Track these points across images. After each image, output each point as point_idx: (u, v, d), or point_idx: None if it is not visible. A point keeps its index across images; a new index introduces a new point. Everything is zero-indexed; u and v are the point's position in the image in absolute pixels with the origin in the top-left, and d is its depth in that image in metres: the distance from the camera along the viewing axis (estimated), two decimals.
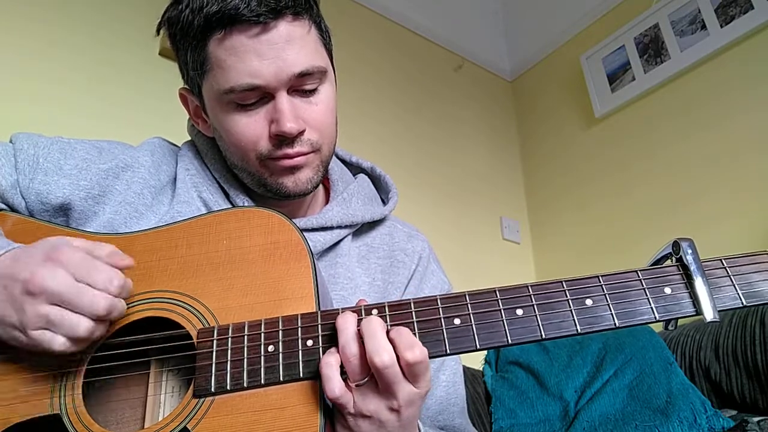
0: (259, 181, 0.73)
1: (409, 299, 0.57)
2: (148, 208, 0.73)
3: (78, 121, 1.48)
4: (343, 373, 0.53)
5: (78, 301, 0.52)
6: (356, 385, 0.53)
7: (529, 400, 1.41)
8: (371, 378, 0.53)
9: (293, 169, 0.71)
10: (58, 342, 0.52)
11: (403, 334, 0.52)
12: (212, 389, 0.55)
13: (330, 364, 0.53)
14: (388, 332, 0.53)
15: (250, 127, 0.69)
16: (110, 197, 0.72)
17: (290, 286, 0.60)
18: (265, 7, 0.63)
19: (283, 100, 0.67)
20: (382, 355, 0.51)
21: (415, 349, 0.51)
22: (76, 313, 0.52)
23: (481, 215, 2.34)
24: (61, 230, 0.66)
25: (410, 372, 0.52)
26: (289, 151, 0.69)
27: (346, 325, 0.54)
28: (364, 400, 0.53)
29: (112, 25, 1.66)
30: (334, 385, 0.52)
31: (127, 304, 0.59)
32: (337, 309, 0.57)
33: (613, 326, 0.55)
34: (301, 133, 0.69)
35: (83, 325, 0.52)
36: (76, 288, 0.52)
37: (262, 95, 0.68)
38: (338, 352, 0.53)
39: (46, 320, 0.51)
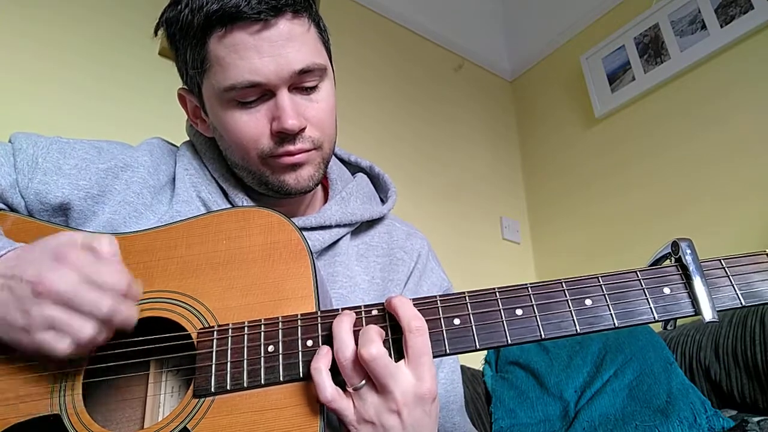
0: (261, 179, 0.73)
1: (408, 299, 0.57)
2: (148, 208, 0.73)
3: (78, 121, 1.48)
4: (342, 377, 0.53)
5: (82, 302, 0.51)
6: (354, 389, 0.52)
7: (529, 400, 1.41)
8: (369, 381, 0.52)
9: (295, 167, 0.71)
10: (63, 345, 0.51)
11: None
12: (212, 389, 0.55)
13: (319, 369, 0.53)
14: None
15: (251, 125, 0.68)
16: (109, 197, 0.72)
17: (290, 286, 0.60)
18: (265, 5, 0.63)
19: (285, 97, 0.67)
20: (370, 347, 0.51)
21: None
22: (82, 316, 0.51)
23: (481, 215, 2.34)
24: (60, 230, 0.66)
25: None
26: (291, 148, 0.69)
27: (340, 328, 0.54)
28: (364, 404, 0.52)
29: (111, 25, 1.66)
30: (326, 390, 0.52)
31: None
32: (337, 309, 0.57)
33: (613, 326, 0.55)
34: (303, 130, 0.69)
35: (87, 329, 0.51)
36: (82, 289, 0.51)
37: (263, 93, 0.68)
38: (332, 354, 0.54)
39: (52, 323, 0.51)
